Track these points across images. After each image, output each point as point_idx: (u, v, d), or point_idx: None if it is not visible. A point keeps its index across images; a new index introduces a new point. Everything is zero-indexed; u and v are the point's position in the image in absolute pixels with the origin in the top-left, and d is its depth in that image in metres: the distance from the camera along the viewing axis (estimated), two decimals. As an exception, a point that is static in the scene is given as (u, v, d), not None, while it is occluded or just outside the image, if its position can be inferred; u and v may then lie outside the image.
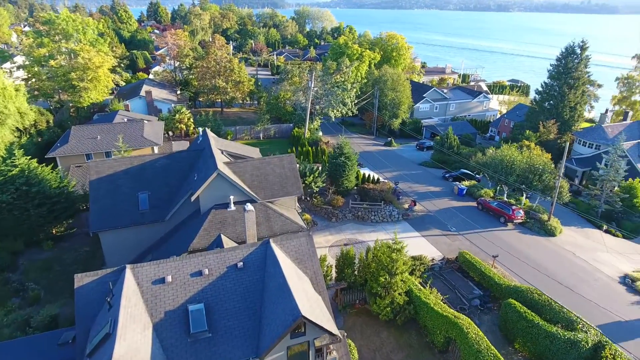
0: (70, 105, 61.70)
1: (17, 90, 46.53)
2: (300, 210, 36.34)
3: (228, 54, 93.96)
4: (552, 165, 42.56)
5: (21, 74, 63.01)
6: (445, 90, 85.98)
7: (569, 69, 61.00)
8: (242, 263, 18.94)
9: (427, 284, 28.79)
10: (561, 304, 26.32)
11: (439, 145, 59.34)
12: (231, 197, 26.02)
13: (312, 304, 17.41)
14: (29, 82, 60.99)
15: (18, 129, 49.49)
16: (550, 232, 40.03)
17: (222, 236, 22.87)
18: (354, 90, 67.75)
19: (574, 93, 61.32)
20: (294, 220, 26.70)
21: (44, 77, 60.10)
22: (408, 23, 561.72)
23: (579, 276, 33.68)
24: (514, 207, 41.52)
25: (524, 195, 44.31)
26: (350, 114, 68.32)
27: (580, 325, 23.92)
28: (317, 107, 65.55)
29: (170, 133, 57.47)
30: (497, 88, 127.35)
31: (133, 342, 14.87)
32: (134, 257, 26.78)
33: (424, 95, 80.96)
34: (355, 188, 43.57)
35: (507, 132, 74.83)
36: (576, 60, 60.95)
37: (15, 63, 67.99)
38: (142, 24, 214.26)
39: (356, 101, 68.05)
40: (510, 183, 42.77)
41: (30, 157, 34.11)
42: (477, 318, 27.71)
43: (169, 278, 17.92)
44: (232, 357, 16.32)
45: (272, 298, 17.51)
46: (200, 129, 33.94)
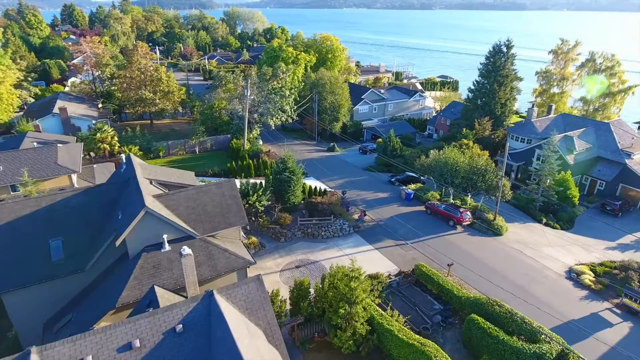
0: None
1: None
2: (245, 238, 33.48)
3: (154, 61, 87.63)
4: (493, 165, 43.28)
5: None
6: (382, 91, 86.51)
7: (498, 67, 63.37)
8: (181, 326, 15.94)
9: (388, 306, 27.31)
10: (521, 312, 26.08)
11: (382, 148, 58.91)
12: (165, 236, 22.65)
13: (269, 368, 14.93)
14: None
15: None
16: (497, 232, 40.60)
17: (157, 288, 19.53)
18: (293, 96, 65.50)
19: (504, 90, 63.85)
20: (240, 255, 23.89)
21: None
22: (338, 22, 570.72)
23: (530, 275, 34.15)
24: (461, 209, 41.66)
25: (469, 195, 44.76)
26: (291, 120, 66.02)
27: (543, 336, 23.61)
28: (256, 115, 62.46)
29: (92, 154, 51.52)
30: (429, 85, 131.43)
31: None
32: (49, 318, 22.49)
33: (362, 97, 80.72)
34: (303, 203, 41.37)
35: (444, 129, 76.67)
36: (503, 59, 63.45)
37: None
38: (56, 29, 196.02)
39: (295, 107, 65.84)
40: (456, 185, 42.90)
41: None
42: (440, 335, 26.74)
43: (88, 359, 14.52)
44: None
45: (221, 367, 14.77)
46: (124, 156, 29.80)
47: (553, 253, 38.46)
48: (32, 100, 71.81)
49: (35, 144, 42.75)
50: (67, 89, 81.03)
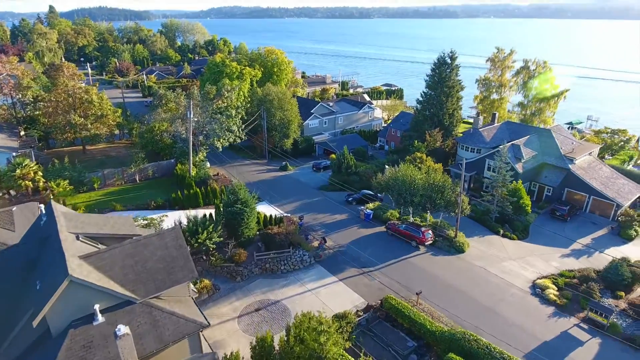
0: None
1: None
2: (195, 292, 29.95)
3: (84, 81, 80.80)
4: (450, 180, 42.80)
5: None
6: (331, 104, 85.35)
7: (443, 78, 64.16)
8: None
9: (362, 352, 25.09)
10: (496, 339, 24.95)
11: (337, 166, 57.23)
12: (96, 307, 18.93)
13: None
14: None
15: None
16: (459, 249, 39.96)
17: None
18: (240, 115, 62.20)
19: (451, 101, 64.71)
20: (190, 318, 20.61)
21: None
22: (280, 32, 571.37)
23: (497, 295, 33.50)
24: (422, 228, 40.66)
25: (428, 212, 44.00)
26: (239, 140, 62.58)
27: (524, 372, 22.49)
28: (201, 137, 58.48)
29: (13, 192, 45.20)
30: (375, 94, 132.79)
31: None
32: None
33: (311, 112, 78.96)
34: (258, 234, 38.39)
35: (395, 141, 76.71)
36: (448, 70, 64.36)
37: None
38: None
39: (243, 127, 62.54)
40: (415, 204, 41.90)
41: None
42: (417, 377, 24.98)
43: None
44: None
45: None
46: (42, 207, 25.32)
47: (514, 267, 38.35)
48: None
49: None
50: (-19, 115, 72.10)
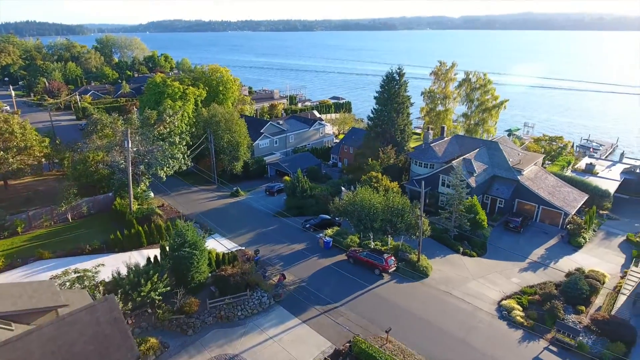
0: None
1: None
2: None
3: (3, 109, 73.09)
4: (409, 202, 41.80)
5: None
6: (281, 122, 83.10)
7: (392, 94, 64.03)
8: None
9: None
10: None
11: (291, 189, 54.83)
12: (7, 414, 15.15)
13: None
14: None
15: None
16: (423, 274, 38.89)
17: None
18: (185, 140, 58.11)
19: (401, 117, 64.69)
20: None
21: None
22: (223, 45, 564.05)
23: (466, 323, 32.47)
24: (385, 255, 39.23)
25: (389, 236, 42.72)
26: (185, 167, 58.34)
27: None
28: (142, 166, 53.79)
29: None
30: (324, 108, 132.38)
31: None
32: None
33: (261, 131, 76.25)
34: (211, 277, 34.98)
35: (349, 158, 75.75)
36: (397, 86, 64.37)
37: None
38: None
39: (188, 152, 58.49)
40: (376, 230, 40.41)
41: None
42: None
43: None
44: None
45: None
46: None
47: (478, 288, 37.81)
48: None
49: None
50: None
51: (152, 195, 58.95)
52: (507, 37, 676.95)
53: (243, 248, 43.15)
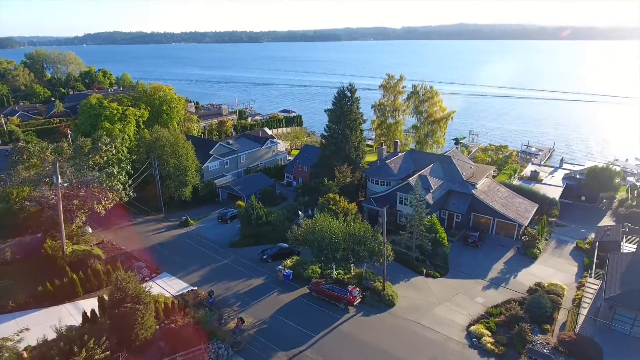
0: None
1: None
2: None
3: None
4: (370, 228, 40.22)
5: None
6: (231, 142, 79.49)
7: (345, 112, 63.06)
8: None
9: None
10: None
11: (245, 217, 51.65)
12: None
13: None
14: None
15: None
16: (389, 303, 37.33)
17: None
18: (125, 169, 53.16)
19: (355, 134, 63.78)
20: None
21: None
22: (167, 58, 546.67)
23: (438, 357, 31.08)
24: (349, 287, 37.25)
25: (352, 265, 40.88)
26: (126, 198, 53.32)
27: None
28: (76, 201, 48.28)
29: None
30: (274, 122, 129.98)
31: None
32: None
33: (210, 153, 72.34)
34: (158, 329, 31.13)
35: (303, 176, 73.70)
36: (349, 104, 63.48)
37: None
38: None
39: (130, 182, 53.57)
40: (338, 260, 38.37)
41: None
42: None
43: None
44: None
45: None
46: None
47: (446, 314, 36.79)
48: None
49: None
50: None
51: (89, 230, 53.43)
52: (442, 47, 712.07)
53: (195, 288, 39.45)
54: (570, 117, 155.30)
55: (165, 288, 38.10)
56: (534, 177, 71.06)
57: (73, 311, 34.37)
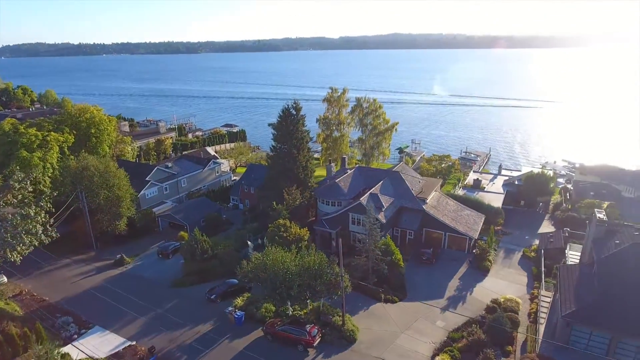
0: None
1: None
2: None
3: None
4: (325, 259, 37.94)
5: None
6: (170, 165, 74.00)
7: (291, 131, 60.70)
8: None
9: None
10: None
11: (189, 252, 47.36)
12: None
13: None
14: None
15: None
16: (350, 339, 35.18)
17: None
18: (45, 208, 46.58)
19: (302, 153, 61.59)
20: None
21: None
22: (97, 71, 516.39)
23: (405, 398, 29.41)
24: (307, 326, 34.62)
25: (308, 300, 38.31)
26: (48, 240, 46.65)
27: None
28: (-16, 249, 41.50)
29: None
30: (217, 138, 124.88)
31: None
32: None
33: (147, 179, 66.64)
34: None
35: (250, 198, 70.18)
36: (295, 121, 61.23)
37: None
38: None
39: (52, 221, 47.13)
40: (294, 297, 35.66)
41: None
42: None
43: None
44: None
45: None
46: None
47: (409, 344, 35.33)
48: None
49: None
50: None
51: (5, 280, 46.60)
52: (378, 55, 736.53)
53: (133, 343, 34.85)
54: (501, 122, 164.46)
55: (97, 347, 33.26)
56: (477, 186, 72.86)
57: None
